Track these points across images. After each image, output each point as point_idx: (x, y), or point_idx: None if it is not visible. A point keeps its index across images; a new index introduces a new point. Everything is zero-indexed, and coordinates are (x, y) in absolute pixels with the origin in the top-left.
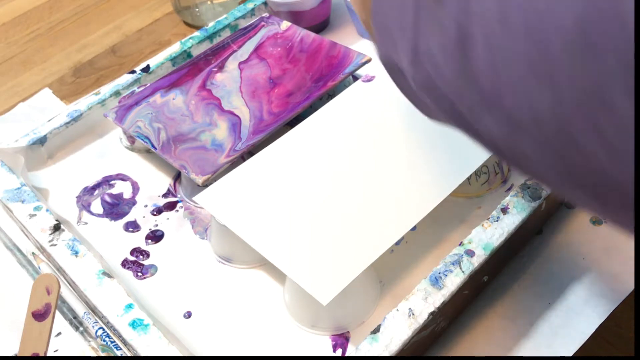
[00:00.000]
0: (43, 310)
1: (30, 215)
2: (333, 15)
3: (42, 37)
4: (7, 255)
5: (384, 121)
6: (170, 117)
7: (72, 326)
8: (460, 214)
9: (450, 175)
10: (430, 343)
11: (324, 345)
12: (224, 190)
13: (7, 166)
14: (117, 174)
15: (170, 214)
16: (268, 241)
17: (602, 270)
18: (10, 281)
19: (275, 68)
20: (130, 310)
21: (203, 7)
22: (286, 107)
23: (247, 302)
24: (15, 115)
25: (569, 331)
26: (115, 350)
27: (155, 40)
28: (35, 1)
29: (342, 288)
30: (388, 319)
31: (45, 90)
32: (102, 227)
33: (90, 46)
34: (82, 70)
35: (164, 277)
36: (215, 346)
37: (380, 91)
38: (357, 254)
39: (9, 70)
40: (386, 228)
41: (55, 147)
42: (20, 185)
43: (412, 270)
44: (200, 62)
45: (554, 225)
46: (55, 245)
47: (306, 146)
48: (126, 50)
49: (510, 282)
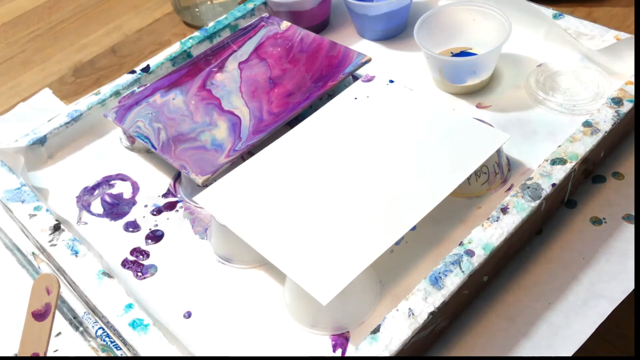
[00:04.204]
0: (43, 310)
1: (30, 215)
2: (333, 15)
3: (42, 37)
4: (7, 255)
5: (384, 121)
6: (170, 117)
7: (72, 326)
8: (460, 214)
9: (450, 175)
10: (430, 343)
11: (324, 345)
12: (224, 190)
13: (7, 166)
14: (117, 174)
15: (170, 214)
16: (268, 241)
17: (602, 270)
18: (10, 281)
19: (275, 68)
20: (130, 310)
21: (203, 7)
22: (286, 107)
23: (247, 302)
24: (15, 115)
25: (569, 331)
26: (115, 350)
27: (155, 40)
28: (35, 1)
29: (342, 288)
30: (388, 319)
31: (45, 90)
32: (102, 227)
33: (90, 46)
34: (82, 70)
35: (164, 277)
36: (215, 346)
37: (380, 91)
38: (357, 254)
39: (9, 70)
40: (386, 228)
41: (55, 147)
42: (20, 185)
43: (412, 270)
44: (200, 62)
45: (554, 225)
46: (55, 245)
47: (306, 146)
48: (126, 50)
49: (510, 282)
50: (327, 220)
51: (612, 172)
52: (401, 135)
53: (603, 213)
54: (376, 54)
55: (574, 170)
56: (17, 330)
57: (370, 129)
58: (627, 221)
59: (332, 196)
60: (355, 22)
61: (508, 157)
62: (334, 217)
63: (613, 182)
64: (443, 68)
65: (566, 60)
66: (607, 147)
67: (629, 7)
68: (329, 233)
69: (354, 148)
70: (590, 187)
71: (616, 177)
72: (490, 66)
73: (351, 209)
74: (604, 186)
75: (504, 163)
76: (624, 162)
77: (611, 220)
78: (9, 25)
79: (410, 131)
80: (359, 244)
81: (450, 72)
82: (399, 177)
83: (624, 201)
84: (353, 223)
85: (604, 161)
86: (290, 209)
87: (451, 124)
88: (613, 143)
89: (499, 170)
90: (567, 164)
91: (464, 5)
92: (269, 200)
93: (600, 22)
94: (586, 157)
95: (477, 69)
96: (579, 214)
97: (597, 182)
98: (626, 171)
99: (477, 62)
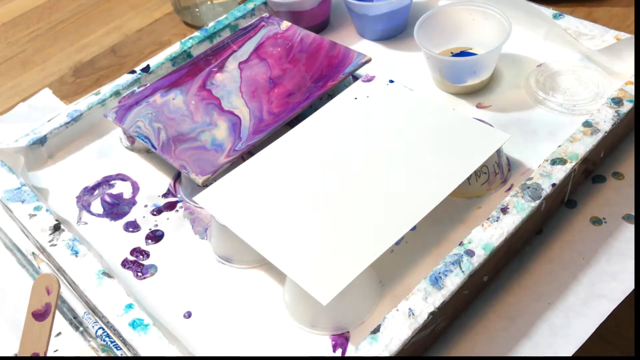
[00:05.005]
0: (43, 310)
1: (30, 215)
2: (333, 15)
3: (42, 37)
4: (7, 255)
5: (384, 121)
6: (170, 117)
7: (72, 326)
8: (460, 214)
9: (450, 175)
10: (430, 343)
11: (324, 345)
12: (224, 190)
13: (7, 166)
14: (117, 174)
15: (170, 214)
16: (268, 241)
17: (602, 270)
18: (10, 281)
19: (275, 68)
20: (130, 310)
21: (203, 7)
22: (286, 107)
23: (247, 302)
24: (15, 115)
25: (569, 331)
26: (115, 350)
27: (155, 40)
28: (35, 1)
29: (342, 288)
30: (388, 318)
31: (45, 90)
32: (102, 227)
33: (90, 46)
34: (82, 70)
35: (164, 277)
36: (215, 346)
37: (380, 91)
38: (357, 254)
39: (9, 70)
40: (386, 228)
41: (55, 147)
42: (20, 185)
43: (412, 270)
44: (200, 62)
45: (554, 225)
46: (55, 245)
47: (306, 146)
48: (126, 50)
49: (510, 282)
50: (327, 220)
51: (612, 172)
52: (401, 135)
53: (603, 213)
54: (376, 54)
55: (574, 170)
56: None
57: (370, 129)
58: (627, 221)
59: (332, 196)
60: (355, 22)
61: (508, 157)
62: (334, 217)
63: (613, 182)
64: (443, 68)
65: (566, 60)
66: (607, 147)
67: (629, 7)
68: (329, 233)
69: (354, 148)
70: (590, 187)
71: (616, 177)
72: (490, 66)
73: (351, 208)
74: (604, 186)
75: (504, 163)
76: (624, 162)
77: (611, 220)
78: (9, 25)
79: (410, 131)
80: (359, 244)
81: (450, 72)
82: (399, 177)
83: (624, 201)
84: (353, 223)
85: (604, 161)
86: (290, 209)
87: (451, 124)
88: (613, 143)
89: (499, 170)
90: (567, 164)
91: (464, 5)
92: (269, 200)
93: (600, 22)
94: (586, 157)
95: (477, 69)
96: (579, 214)
97: (597, 182)
98: (626, 171)
99: (477, 62)
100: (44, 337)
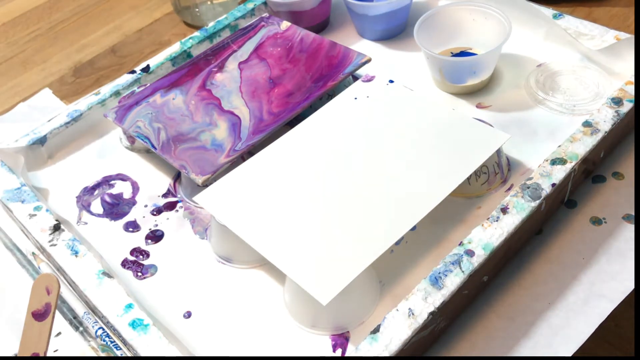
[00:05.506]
0: (43, 310)
1: (30, 215)
2: (333, 15)
3: (42, 37)
4: (7, 255)
5: (384, 121)
6: (170, 117)
7: (72, 326)
8: (460, 214)
9: (450, 175)
10: (430, 343)
11: (323, 345)
12: (224, 190)
13: (7, 166)
14: (117, 174)
15: (170, 214)
16: (268, 241)
17: (602, 270)
18: (10, 281)
19: (275, 68)
20: (130, 310)
21: (203, 7)
22: (286, 107)
23: (247, 302)
24: (15, 115)
25: (569, 331)
26: (115, 350)
27: (155, 40)
28: (35, 1)
29: (342, 288)
30: (388, 319)
31: (45, 90)
32: (102, 227)
33: (90, 46)
34: (82, 70)
35: (164, 277)
36: (215, 346)
37: (380, 91)
38: (357, 254)
39: (9, 70)
40: (386, 228)
41: (55, 147)
42: (20, 185)
43: (412, 270)
44: (200, 62)
45: (553, 225)
46: (55, 245)
47: (306, 146)
48: (126, 50)
49: (510, 282)
50: (327, 220)
51: (612, 172)
52: (401, 135)
53: (603, 213)
54: (376, 54)
55: (574, 170)
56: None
57: (370, 129)
58: (627, 221)
59: (332, 196)
60: (355, 22)
61: (508, 157)
62: (334, 217)
63: (613, 182)
64: (443, 68)
65: (566, 60)
66: (607, 147)
67: (629, 7)
68: (329, 233)
69: (354, 148)
70: (590, 187)
71: (616, 177)
72: (490, 66)
73: (351, 208)
74: (604, 186)
75: (504, 163)
76: (624, 162)
77: (611, 220)
78: (9, 25)
79: (410, 131)
80: (359, 244)
81: (450, 72)
82: (399, 177)
83: (624, 201)
84: (353, 223)
85: (603, 161)
86: (290, 209)
87: (451, 124)
88: (613, 143)
89: (499, 170)
90: (567, 164)
91: (464, 5)
92: (269, 200)
93: (600, 22)
94: (586, 157)
95: (477, 69)
96: (578, 214)
97: (597, 182)
98: (626, 171)
99: (477, 62)
100: (44, 337)
